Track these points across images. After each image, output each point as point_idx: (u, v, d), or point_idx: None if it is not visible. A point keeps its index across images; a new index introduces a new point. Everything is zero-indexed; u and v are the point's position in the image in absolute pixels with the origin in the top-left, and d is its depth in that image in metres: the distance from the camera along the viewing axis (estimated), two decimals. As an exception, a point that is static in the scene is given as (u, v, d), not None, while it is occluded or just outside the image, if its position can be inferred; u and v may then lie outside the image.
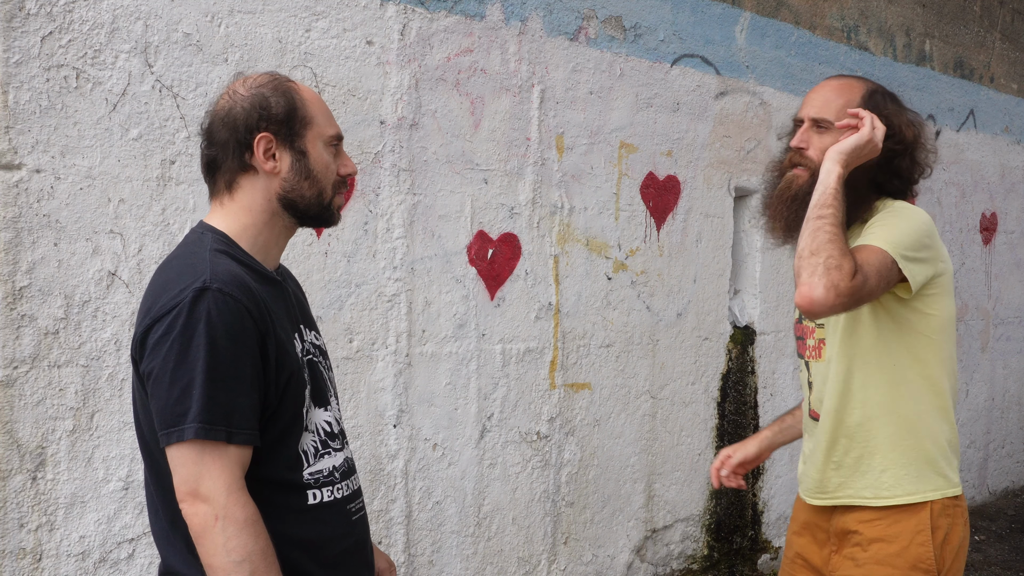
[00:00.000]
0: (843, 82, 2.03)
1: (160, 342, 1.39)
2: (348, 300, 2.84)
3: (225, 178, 1.55)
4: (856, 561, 1.96)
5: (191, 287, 1.40)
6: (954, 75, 5.09)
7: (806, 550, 2.10)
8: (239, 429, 1.40)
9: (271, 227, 1.57)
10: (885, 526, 1.93)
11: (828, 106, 1.98)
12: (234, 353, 1.40)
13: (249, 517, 1.38)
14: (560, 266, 3.38)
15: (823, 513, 2.06)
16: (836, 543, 2.02)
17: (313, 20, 2.73)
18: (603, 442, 3.54)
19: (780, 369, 4.21)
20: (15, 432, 2.25)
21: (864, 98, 1.98)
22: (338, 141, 1.62)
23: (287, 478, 1.51)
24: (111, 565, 2.40)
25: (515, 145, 3.22)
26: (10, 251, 2.23)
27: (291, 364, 1.51)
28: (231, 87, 1.58)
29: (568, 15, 3.35)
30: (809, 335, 2.06)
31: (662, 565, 3.80)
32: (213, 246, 1.50)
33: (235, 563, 1.36)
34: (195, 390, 1.37)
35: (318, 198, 1.58)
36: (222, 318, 1.39)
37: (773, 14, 4.08)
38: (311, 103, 1.58)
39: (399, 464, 2.97)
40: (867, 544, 1.95)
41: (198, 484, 1.37)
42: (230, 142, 1.53)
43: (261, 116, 1.52)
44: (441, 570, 3.10)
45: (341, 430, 1.66)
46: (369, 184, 2.87)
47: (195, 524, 1.38)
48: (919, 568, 1.90)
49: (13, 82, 2.22)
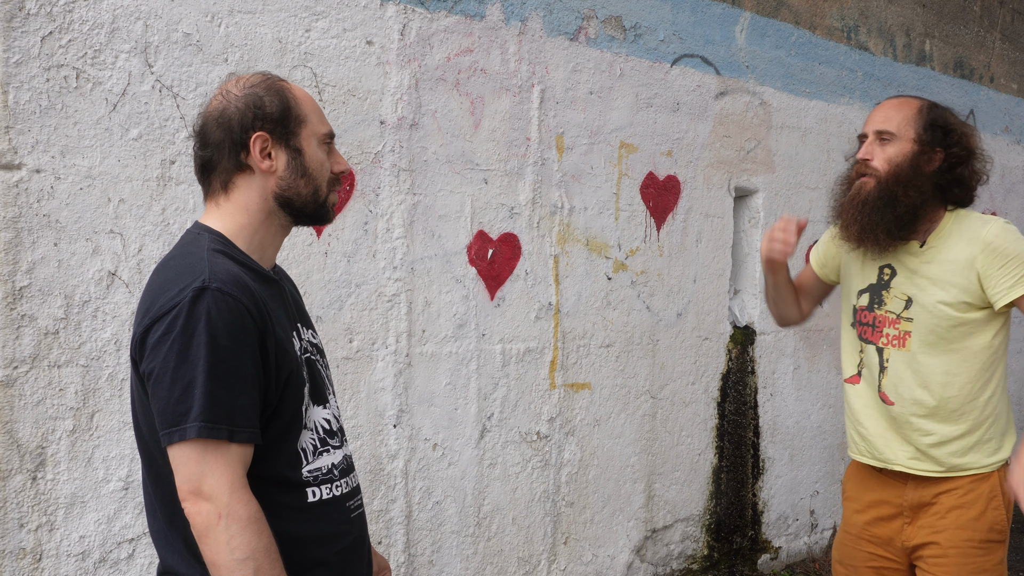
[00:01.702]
0: (901, 99, 2.26)
1: (160, 342, 1.39)
2: (348, 300, 2.84)
3: (221, 178, 1.55)
4: (935, 528, 2.18)
5: (190, 287, 1.40)
6: (954, 75, 5.09)
7: (874, 526, 2.29)
8: (241, 427, 1.40)
9: (267, 226, 1.58)
10: (961, 494, 2.18)
11: (889, 120, 2.19)
12: (235, 352, 1.40)
13: (252, 515, 1.38)
14: (560, 266, 3.38)
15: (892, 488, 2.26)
16: (910, 515, 2.23)
17: (313, 20, 2.73)
18: (603, 442, 3.54)
19: (780, 369, 4.21)
20: (15, 432, 2.25)
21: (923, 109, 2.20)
22: (330, 139, 1.63)
23: (287, 476, 1.51)
24: (111, 565, 2.40)
25: (515, 145, 3.22)
26: (10, 251, 2.23)
27: (290, 363, 1.51)
28: (223, 87, 1.58)
29: (568, 15, 3.35)
30: (889, 324, 2.25)
31: (662, 565, 3.80)
32: (210, 246, 1.50)
33: (239, 561, 1.36)
34: (196, 389, 1.37)
35: (314, 195, 1.58)
36: (222, 317, 1.39)
37: (773, 14, 4.08)
38: (304, 102, 1.59)
39: (399, 464, 2.97)
40: (945, 512, 2.18)
41: (201, 483, 1.37)
42: (225, 142, 1.53)
43: (256, 115, 1.53)
44: (441, 570, 3.10)
45: (340, 427, 1.66)
46: (369, 184, 2.87)
47: (198, 523, 1.37)
48: (994, 530, 2.17)
49: (13, 82, 2.22)
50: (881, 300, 2.27)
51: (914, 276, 2.21)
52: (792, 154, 4.20)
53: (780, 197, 4.17)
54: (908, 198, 2.14)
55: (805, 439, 4.38)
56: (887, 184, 2.16)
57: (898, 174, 2.15)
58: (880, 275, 2.28)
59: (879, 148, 2.19)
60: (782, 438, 4.26)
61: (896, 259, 2.24)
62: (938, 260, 2.18)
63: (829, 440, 4.49)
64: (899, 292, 2.23)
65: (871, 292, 2.30)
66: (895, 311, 2.24)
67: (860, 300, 2.32)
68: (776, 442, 4.23)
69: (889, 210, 2.15)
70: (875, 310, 2.29)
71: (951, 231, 2.19)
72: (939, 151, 2.17)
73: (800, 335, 4.30)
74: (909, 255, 2.22)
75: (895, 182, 2.15)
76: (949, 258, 2.16)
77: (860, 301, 2.32)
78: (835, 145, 4.41)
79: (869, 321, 2.30)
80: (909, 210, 2.16)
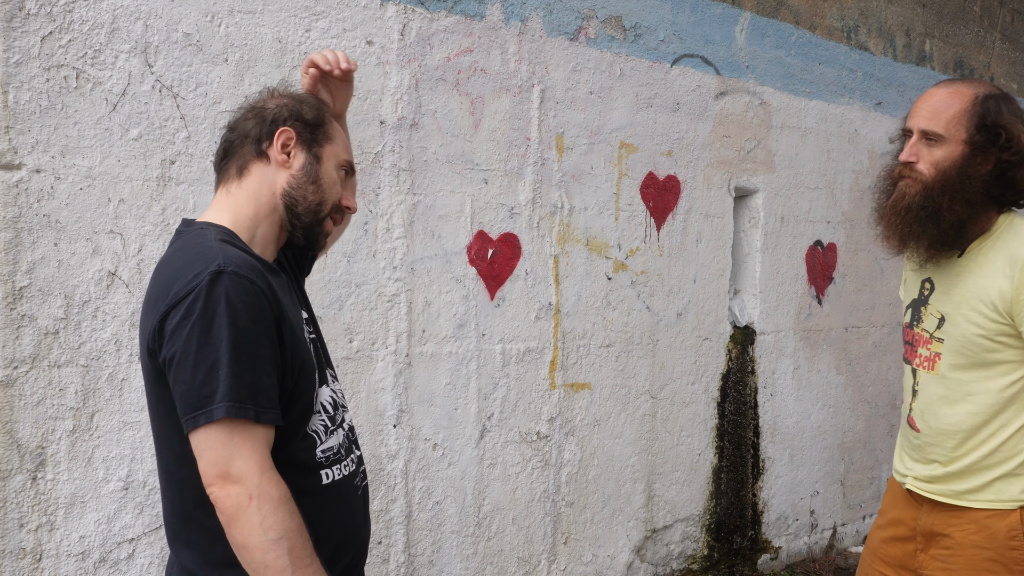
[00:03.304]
0: (953, 89, 1.99)
1: (180, 326, 1.38)
2: (348, 300, 2.84)
3: (238, 163, 1.58)
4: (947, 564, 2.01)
5: (207, 271, 1.39)
6: (954, 75, 5.09)
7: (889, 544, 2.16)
8: (265, 409, 1.39)
9: (270, 221, 1.59)
10: (976, 529, 1.98)
11: (938, 117, 1.96)
12: (254, 333, 1.40)
13: (283, 495, 1.38)
14: (560, 266, 3.38)
15: (910, 509, 2.11)
16: (923, 542, 2.07)
17: (313, 20, 2.73)
18: (603, 442, 3.54)
19: (780, 369, 4.21)
20: (15, 432, 2.25)
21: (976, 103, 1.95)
22: (349, 169, 1.67)
23: (302, 459, 1.52)
24: (111, 565, 2.40)
25: (515, 145, 3.22)
26: (10, 251, 2.23)
27: (303, 350, 1.53)
28: (271, 89, 1.66)
29: (568, 15, 3.35)
30: (922, 344, 2.09)
31: (662, 565, 3.80)
32: (218, 237, 1.51)
33: (273, 541, 1.35)
34: (221, 370, 1.36)
35: (317, 207, 1.60)
36: (241, 299, 1.39)
37: (773, 14, 4.08)
38: (337, 128, 1.66)
39: (399, 464, 2.97)
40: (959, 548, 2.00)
41: (229, 465, 1.36)
42: (253, 130, 1.58)
43: (291, 115, 1.58)
44: (441, 570, 3.10)
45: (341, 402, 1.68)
46: (369, 184, 2.87)
47: (227, 506, 1.36)
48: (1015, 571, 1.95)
49: (13, 82, 2.22)
50: (920, 317, 2.11)
51: (950, 291, 2.02)
52: (792, 154, 4.20)
53: (780, 197, 4.17)
54: (954, 213, 1.95)
55: (805, 439, 4.38)
56: (932, 192, 1.96)
57: (945, 182, 1.95)
58: (921, 289, 2.12)
59: (926, 149, 1.97)
60: (782, 438, 4.26)
61: (936, 272, 2.07)
62: (975, 274, 1.98)
63: (829, 440, 4.49)
64: (934, 309, 2.06)
65: (913, 308, 2.14)
66: (929, 330, 2.07)
67: (906, 316, 2.17)
68: (776, 442, 4.23)
69: (932, 223, 1.96)
70: (914, 328, 2.12)
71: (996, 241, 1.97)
72: (992, 153, 1.93)
73: (800, 335, 4.30)
74: (947, 268, 2.04)
75: (940, 191, 1.95)
76: (985, 272, 1.96)
77: (905, 317, 2.17)
78: (835, 145, 4.41)
79: (910, 339, 2.14)
80: (954, 225, 1.96)
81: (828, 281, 4.44)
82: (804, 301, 4.31)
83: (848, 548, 4.65)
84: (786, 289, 4.22)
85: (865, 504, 4.74)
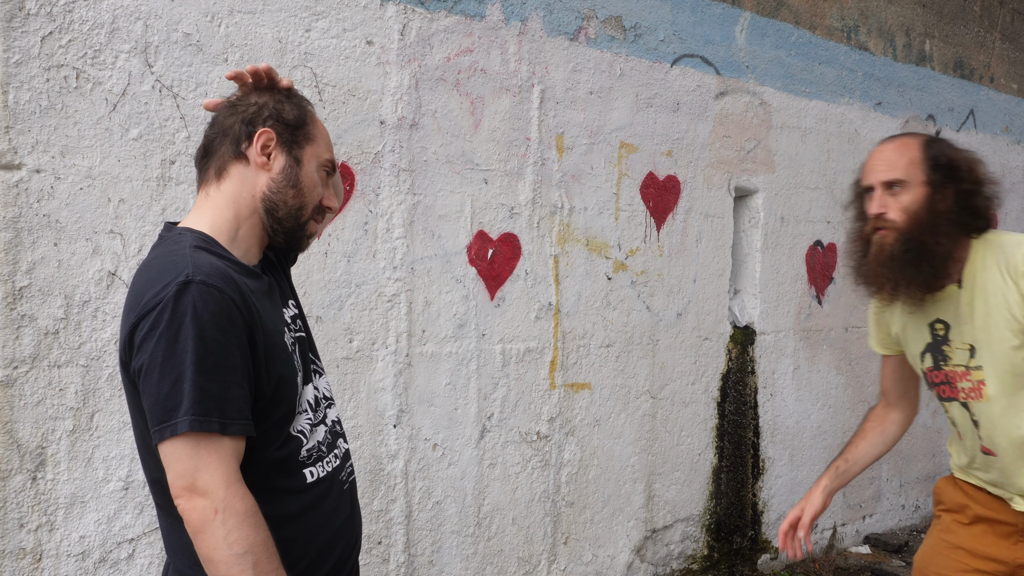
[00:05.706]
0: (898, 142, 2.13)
1: (147, 338, 1.37)
2: (348, 300, 2.83)
3: (216, 164, 1.55)
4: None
5: (174, 281, 1.38)
6: (954, 75, 5.08)
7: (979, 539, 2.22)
8: (233, 420, 1.38)
9: (251, 224, 1.56)
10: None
11: (894, 167, 2.08)
12: (222, 344, 1.38)
13: (249, 509, 1.37)
14: (560, 266, 3.38)
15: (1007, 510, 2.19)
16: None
17: (313, 20, 2.73)
18: (603, 442, 3.54)
19: (780, 369, 4.21)
20: (15, 432, 2.25)
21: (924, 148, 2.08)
22: (331, 168, 1.63)
23: (287, 460, 1.51)
24: (111, 565, 2.40)
25: (515, 145, 3.22)
26: (10, 251, 2.23)
27: (282, 355, 1.50)
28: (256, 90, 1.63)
29: (568, 15, 3.35)
30: (962, 378, 2.14)
31: (662, 565, 3.79)
32: (192, 243, 1.48)
33: (237, 556, 1.34)
34: (185, 383, 1.34)
35: (298, 211, 1.57)
36: (208, 309, 1.37)
37: (773, 14, 4.08)
38: (319, 127, 1.62)
39: (399, 464, 2.97)
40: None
41: (195, 478, 1.35)
42: (232, 128, 1.55)
43: (271, 115, 1.55)
44: (441, 570, 3.10)
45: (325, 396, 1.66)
46: (369, 184, 2.87)
47: (193, 519, 1.35)
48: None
49: (13, 82, 2.22)
50: (945, 356, 2.16)
51: (969, 320, 2.09)
52: (792, 154, 4.20)
53: (780, 197, 4.17)
54: (941, 246, 2.04)
55: (805, 439, 4.37)
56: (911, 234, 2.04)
57: (919, 222, 2.04)
58: (933, 332, 2.17)
59: (891, 199, 2.07)
60: (782, 438, 4.26)
61: (941, 311, 2.13)
62: (982, 295, 2.06)
63: (829, 440, 4.49)
64: (959, 343, 2.11)
65: (931, 351, 2.19)
66: (963, 363, 2.12)
67: (924, 363, 2.22)
68: (776, 442, 4.23)
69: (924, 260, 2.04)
70: (943, 367, 2.17)
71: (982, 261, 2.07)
72: (950, 188, 2.05)
73: (800, 335, 4.30)
74: (952, 302, 2.11)
75: (919, 231, 2.04)
76: (992, 291, 2.05)
77: (924, 364, 2.22)
78: (835, 145, 4.41)
79: (941, 379, 2.19)
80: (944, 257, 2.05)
81: (828, 281, 4.44)
82: (804, 301, 4.31)
83: (848, 548, 4.65)
84: (786, 289, 4.22)
85: (865, 504, 4.74)
